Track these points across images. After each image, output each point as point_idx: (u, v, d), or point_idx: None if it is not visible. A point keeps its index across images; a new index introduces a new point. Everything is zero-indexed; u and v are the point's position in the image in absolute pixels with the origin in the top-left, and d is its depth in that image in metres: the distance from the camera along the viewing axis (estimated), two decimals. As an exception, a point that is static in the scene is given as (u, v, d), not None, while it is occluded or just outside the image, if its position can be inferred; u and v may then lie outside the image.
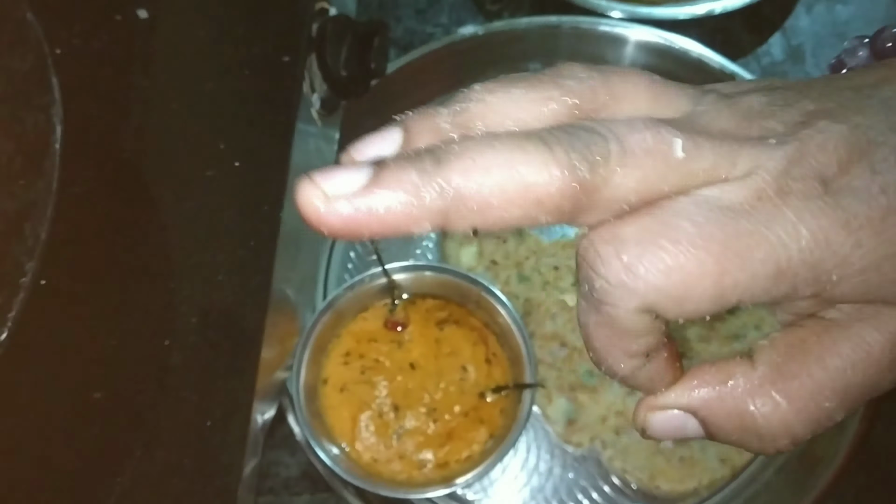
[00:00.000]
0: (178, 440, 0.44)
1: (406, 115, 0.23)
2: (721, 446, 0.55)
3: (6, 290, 0.34)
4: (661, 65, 0.65)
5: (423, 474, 0.53)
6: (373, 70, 0.53)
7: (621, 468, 0.55)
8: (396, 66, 0.63)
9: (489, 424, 0.54)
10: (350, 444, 0.54)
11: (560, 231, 0.62)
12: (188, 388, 0.44)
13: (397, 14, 0.70)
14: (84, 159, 0.44)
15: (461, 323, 0.56)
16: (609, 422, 0.56)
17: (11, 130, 0.37)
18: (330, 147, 0.58)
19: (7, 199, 0.36)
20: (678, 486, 0.54)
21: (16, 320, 0.34)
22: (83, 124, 0.43)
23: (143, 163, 0.48)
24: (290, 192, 0.47)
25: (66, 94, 0.37)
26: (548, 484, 0.56)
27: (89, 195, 0.44)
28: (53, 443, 0.43)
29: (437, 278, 0.56)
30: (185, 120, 0.48)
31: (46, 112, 0.37)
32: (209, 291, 0.45)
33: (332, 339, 0.56)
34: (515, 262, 0.60)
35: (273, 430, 0.56)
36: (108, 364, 0.44)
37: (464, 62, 0.66)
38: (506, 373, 0.55)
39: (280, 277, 0.47)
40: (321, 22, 0.51)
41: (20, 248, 0.35)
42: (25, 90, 0.37)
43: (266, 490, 0.56)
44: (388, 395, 0.54)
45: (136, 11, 0.49)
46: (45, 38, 0.38)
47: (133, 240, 0.46)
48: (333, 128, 0.58)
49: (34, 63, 0.38)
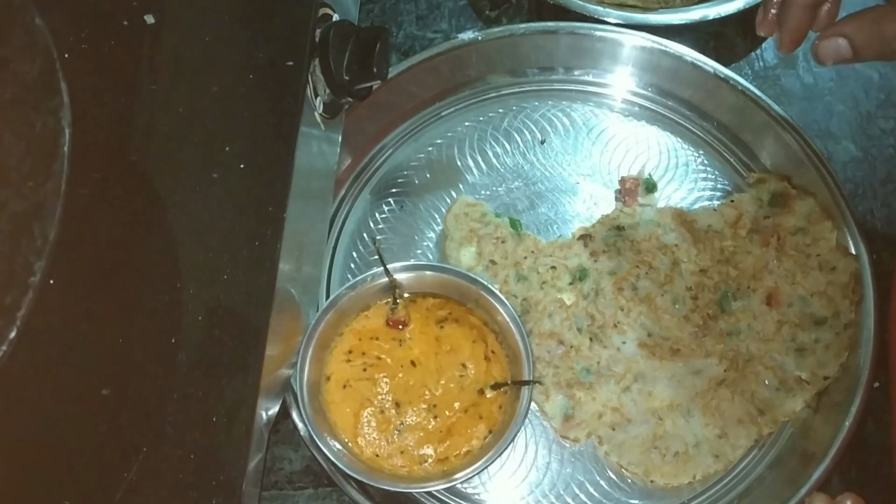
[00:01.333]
0: (184, 435, 0.44)
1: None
2: (714, 443, 0.56)
3: (16, 289, 0.35)
4: (657, 69, 0.66)
5: (424, 469, 0.54)
6: (375, 74, 0.54)
7: (617, 463, 0.56)
8: (397, 70, 0.64)
9: (488, 420, 0.55)
10: (352, 440, 0.54)
11: (557, 232, 0.63)
12: (194, 385, 0.45)
13: (398, 20, 0.71)
14: (92, 161, 0.45)
15: (461, 321, 0.57)
16: (605, 418, 0.57)
17: (21, 133, 0.37)
18: (332, 149, 0.59)
19: (16, 199, 0.36)
20: (673, 480, 0.56)
21: (25, 319, 0.35)
22: (91, 127, 0.44)
23: (150, 165, 0.49)
24: (294, 193, 0.48)
25: (74, 98, 0.38)
26: (545, 478, 0.57)
27: (97, 196, 0.45)
28: (62, 438, 0.43)
29: (438, 277, 0.57)
30: (190, 123, 0.49)
31: (55, 115, 0.38)
32: (215, 290, 0.46)
33: (335, 337, 0.57)
34: (514, 262, 0.61)
35: (277, 425, 0.57)
36: (116, 361, 0.45)
37: (463, 67, 0.67)
38: (504, 370, 0.56)
39: (284, 277, 0.48)
40: (324, 27, 0.52)
41: (29, 248, 0.36)
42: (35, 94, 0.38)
43: (270, 484, 0.57)
44: (389, 392, 0.55)
45: (143, 17, 0.50)
46: (54, 43, 0.39)
47: (140, 240, 0.47)
48: (336, 131, 0.59)
49: (43, 67, 0.38)
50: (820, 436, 0.56)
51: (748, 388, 0.57)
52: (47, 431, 0.43)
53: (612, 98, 0.68)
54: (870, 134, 0.67)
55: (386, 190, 0.65)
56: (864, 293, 0.58)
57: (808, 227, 0.61)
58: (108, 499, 0.43)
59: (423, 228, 0.64)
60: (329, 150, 0.59)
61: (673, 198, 0.64)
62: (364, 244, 0.63)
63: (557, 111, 0.67)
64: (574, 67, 0.67)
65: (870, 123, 0.67)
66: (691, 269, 0.60)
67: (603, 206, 0.64)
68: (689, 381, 0.57)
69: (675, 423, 0.56)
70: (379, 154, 0.66)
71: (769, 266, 0.60)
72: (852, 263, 0.59)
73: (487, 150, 0.66)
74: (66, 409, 0.44)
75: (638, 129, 0.67)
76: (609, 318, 0.59)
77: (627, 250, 0.61)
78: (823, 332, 0.58)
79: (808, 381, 0.57)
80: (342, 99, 0.56)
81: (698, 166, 0.65)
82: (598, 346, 0.58)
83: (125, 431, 0.45)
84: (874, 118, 0.67)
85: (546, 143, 0.66)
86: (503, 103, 0.68)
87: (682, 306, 0.59)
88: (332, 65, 0.52)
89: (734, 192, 0.64)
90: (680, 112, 0.67)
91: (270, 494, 0.57)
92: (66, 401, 0.44)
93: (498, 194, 0.65)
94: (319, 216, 0.59)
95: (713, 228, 0.62)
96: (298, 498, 0.57)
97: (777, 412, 0.57)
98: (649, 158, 0.65)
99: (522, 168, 0.66)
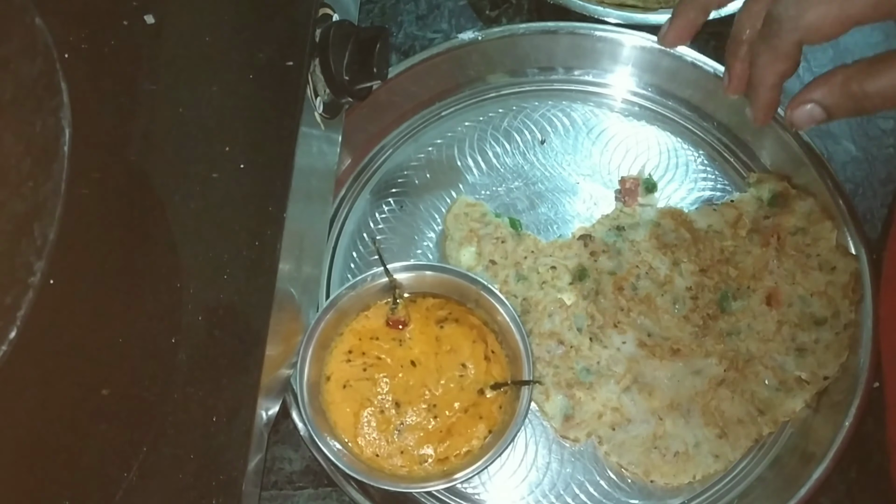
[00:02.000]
0: (184, 436, 0.44)
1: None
2: (714, 443, 0.56)
3: (16, 289, 0.35)
4: (657, 69, 0.66)
5: (424, 469, 0.54)
6: (375, 74, 0.54)
7: (617, 463, 0.56)
8: (397, 70, 0.64)
9: (488, 420, 0.55)
10: (352, 440, 0.54)
11: (557, 232, 0.63)
12: (194, 385, 0.45)
13: (398, 20, 0.72)
14: (92, 161, 0.44)
15: (461, 321, 0.57)
16: (605, 417, 0.57)
17: (21, 133, 0.37)
18: (332, 149, 0.59)
19: (16, 199, 0.36)
20: (673, 480, 0.56)
21: (25, 319, 0.35)
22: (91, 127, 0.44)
23: (150, 165, 0.49)
24: (294, 193, 0.48)
25: (74, 98, 0.38)
26: (545, 478, 0.57)
27: (97, 196, 0.45)
28: (62, 438, 0.44)
29: (438, 277, 0.57)
30: (190, 123, 0.49)
31: (55, 115, 0.37)
32: (215, 290, 0.46)
33: (335, 337, 0.57)
34: (514, 262, 0.61)
35: (277, 425, 0.57)
36: (116, 361, 0.45)
37: (463, 67, 0.67)
38: (504, 370, 0.56)
39: (284, 277, 0.48)
40: (324, 27, 0.52)
41: (29, 248, 0.35)
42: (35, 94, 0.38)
43: (270, 484, 0.57)
44: (389, 392, 0.55)
45: (143, 17, 0.50)
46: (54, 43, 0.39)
47: (140, 240, 0.48)
48: (336, 131, 0.59)
49: (43, 67, 0.38)
50: (820, 435, 0.56)
51: (748, 388, 0.57)
52: (47, 431, 0.43)
53: (612, 98, 0.68)
54: (870, 134, 0.67)
55: (386, 190, 0.65)
56: (864, 293, 0.58)
57: (808, 227, 0.61)
58: (108, 499, 0.43)
59: (423, 228, 0.64)
60: (329, 150, 0.59)
61: (673, 198, 0.64)
62: (364, 244, 0.63)
63: (557, 111, 0.67)
64: (574, 67, 0.67)
65: (869, 123, 0.67)
66: (691, 269, 0.60)
67: (603, 206, 0.64)
68: (689, 381, 0.57)
69: (675, 423, 0.56)
70: (379, 154, 0.66)
71: (769, 266, 0.60)
72: (852, 263, 0.59)
73: (487, 150, 0.66)
74: (66, 410, 0.44)
75: (638, 129, 0.67)
76: (609, 318, 0.59)
77: (627, 250, 0.61)
78: (823, 332, 0.58)
79: (808, 381, 0.57)
80: (342, 99, 0.56)
81: (698, 166, 0.66)
82: (598, 345, 0.58)
83: (125, 431, 0.45)
84: (874, 118, 0.67)
85: (546, 143, 0.66)
86: (503, 103, 0.68)
87: (682, 306, 0.59)
88: (332, 65, 0.52)
89: (734, 192, 0.64)
90: (680, 112, 0.67)
91: (270, 494, 0.57)
92: (66, 401, 0.44)
93: (498, 194, 0.65)
94: (319, 216, 0.59)
95: (713, 228, 0.62)
96: (298, 498, 0.57)
97: (777, 412, 0.57)
98: (649, 158, 0.65)
99: (522, 168, 0.66)
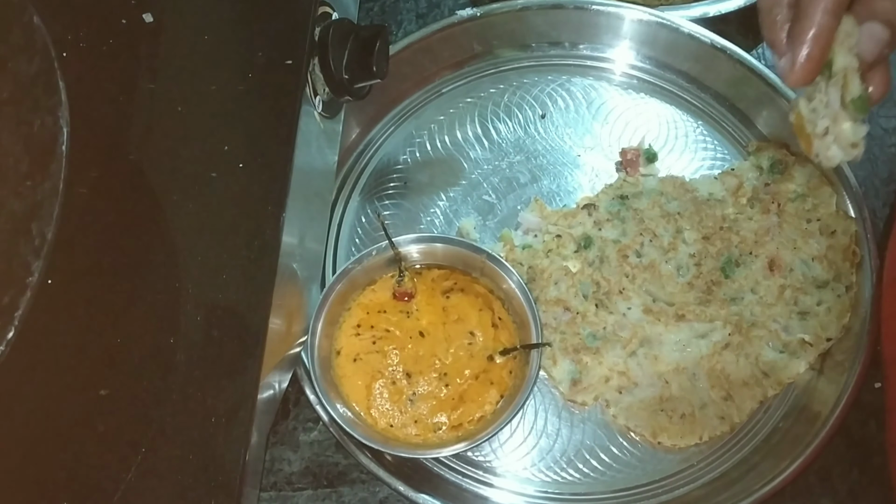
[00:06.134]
0: (183, 436, 0.45)
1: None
2: (720, 405, 0.57)
3: (13, 289, 0.35)
4: (654, 42, 0.67)
5: (438, 436, 0.54)
6: (374, 73, 0.54)
7: (624, 425, 0.57)
8: (397, 48, 0.65)
9: (499, 385, 0.55)
10: (365, 412, 0.55)
11: (560, 203, 0.64)
12: (193, 385, 0.45)
13: (398, 18, 0.72)
14: (90, 160, 0.45)
15: (466, 290, 0.58)
16: (612, 381, 0.57)
17: (19, 132, 0.38)
18: (332, 149, 0.59)
19: (14, 199, 0.37)
20: (679, 441, 0.56)
21: (23, 319, 0.35)
22: (90, 126, 0.44)
23: (149, 164, 0.49)
24: (293, 192, 0.48)
25: (72, 97, 0.38)
26: (556, 445, 0.57)
27: (95, 196, 0.45)
28: (61, 438, 0.44)
29: (442, 248, 0.58)
30: (189, 122, 0.49)
31: (53, 114, 0.38)
32: (214, 290, 0.46)
33: (343, 312, 0.58)
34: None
35: (276, 426, 0.57)
36: (114, 361, 0.45)
37: (462, 44, 0.67)
38: (512, 335, 0.57)
39: (284, 277, 0.48)
40: (324, 26, 0.52)
41: (27, 247, 0.36)
42: (33, 93, 0.38)
43: (269, 485, 0.57)
44: (399, 363, 0.56)
45: (142, 15, 0.50)
46: (52, 42, 0.39)
47: (138, 239, 0.47)
48: (335, 130, 0.59)
49: (41, 66, 0.38)
50: (824, 396, 0.56)
51: (753, 352, 0.58)
52: (46, 431, 0.43)
53: (611, 72, 0.68)
54: (871, 133, 0.66)
55: (390, 167, 0.66)
56: (864, 255, 0.59)
57: (808, 193, 0.62)
58: (107, 499, 0.43)
59: (426, 204, 0.65)
60: (328, 148, 0.59)
61: (674, 168, 0.65)
62: (370, 220, 0.64)
63: (557, 86, 0.68)
64: (573, 42, 0.68)
65: (871, 123, 0.67)
66: (694, 236, 0.61)
67: (605, 178, 0.65)
68: (694, 345, 0.58)
69: (682, 385, 0.57)
70: (381, 132, 0.67)
71: (770, 232, 0.61)
72: (851, 226, 0.60)
73: (489, 125, 0.67)
74: (65, 410, 0.44)
75: (637, 102, 0.67)
76: (614, 285, 0.59)
77: (631, 219, 0.61)
78: (825, 295, 0.59)
79: (811, 344, 0.58)
80: (341, 98, 0.56)
81: (698, 136, 0.66)
82: (604, 312, 0.59)
83: (124, 431, 0.45)
84: (875, 117, 0.66)
85: (546, 118, 0.67)
86: (503, 79, 0.68)
87: (686, 273, 0.60)
88: (332, 63, 0.52)
89: (734, 160, 0.65)
90: (678, 84, 0.68)
91: (269, 495, 0.57)
92: (64, 401, 0.44)
93: (500, 168, 0.66)
94: (318, 215, 0.59)
95: (714, 197, 0.62)
96: (297, 499, 0.57)
97: (781, 374, 0.58)
98: (649, 130, 0.66)
99: (524, 142, 0.66)
